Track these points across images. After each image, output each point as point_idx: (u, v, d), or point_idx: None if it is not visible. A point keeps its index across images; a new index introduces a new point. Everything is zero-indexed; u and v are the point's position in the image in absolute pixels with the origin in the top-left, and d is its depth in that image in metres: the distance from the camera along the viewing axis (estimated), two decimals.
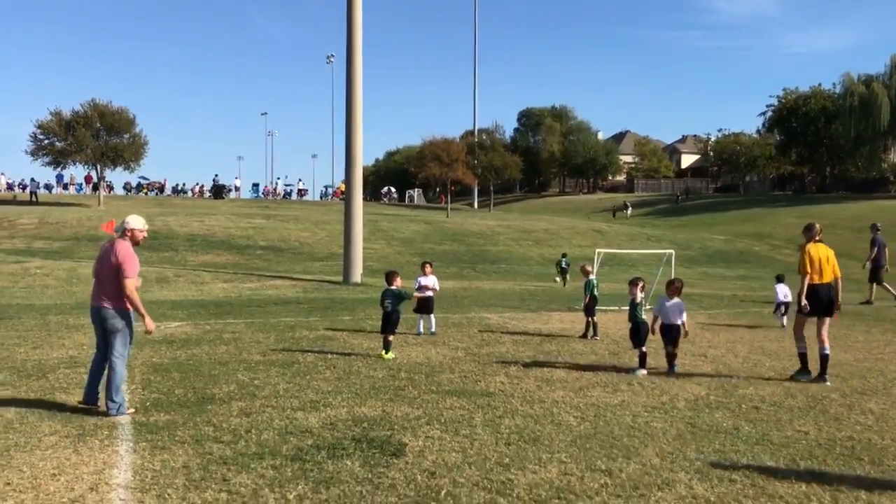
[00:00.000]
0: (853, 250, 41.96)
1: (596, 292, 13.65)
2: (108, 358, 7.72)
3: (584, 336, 13.35)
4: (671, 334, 10.23)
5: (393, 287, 11.35)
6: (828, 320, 9.81)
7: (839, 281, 9.95)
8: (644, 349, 10.31)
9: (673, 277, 11.64)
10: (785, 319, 15.26)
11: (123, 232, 7.81)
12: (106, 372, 7.76)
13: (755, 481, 5.87)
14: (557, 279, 28.13)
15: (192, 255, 32.25)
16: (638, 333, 10.35)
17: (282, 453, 6.37)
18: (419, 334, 13.25)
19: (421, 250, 37.16)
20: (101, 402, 7.75)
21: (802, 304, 9.73)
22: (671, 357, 10.28)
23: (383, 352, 11.02)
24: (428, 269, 13.89)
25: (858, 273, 34.15)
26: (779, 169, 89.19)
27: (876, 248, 20.84)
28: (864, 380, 9.96)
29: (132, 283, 7.57)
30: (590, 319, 13.44)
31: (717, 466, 6.21)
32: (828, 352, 9.75)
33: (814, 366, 9.86)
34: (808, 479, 5.92)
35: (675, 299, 10.29)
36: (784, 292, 15.63)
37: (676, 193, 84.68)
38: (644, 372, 10.05)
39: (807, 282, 9.68)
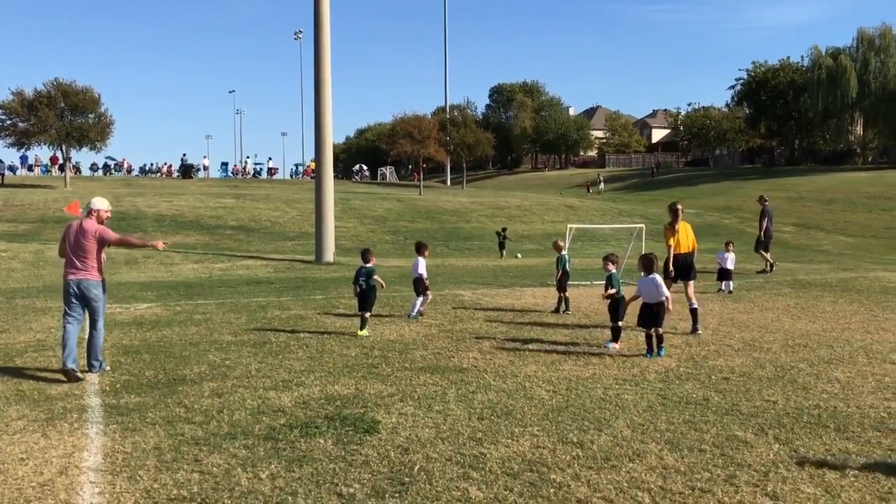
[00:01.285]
0: (822, 222, 42.63)
1: (568, 267, 13.71)
2: (92, 324, 8.55)
3: (556, 311, 13.42)
4: (649, 313, 9.63)
5: (369, 265, 11.29)
6: (692, 283, 11.76)
7: (695, 251, 12.13)
8: (620, 324, 10.37)
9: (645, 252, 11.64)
10: (727, 285, 16.48)
11: (90, 212, 8.57)
12: (89, 336, 8.61)
13: (724, 451, 5.95)
14: (519, 255, 28.27)
15: (161, 235, 31.87)
16: (616, 308, 10.39)
17: (254, 433, 6.35)
18: (414, 317, 12.78)
19: (394, 228, 37.07)
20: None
21: (669, 270, 11.59)
22: (649, 339, 9.71)
23: (360, 329, 10.99)
24: (427, 252, 13.44)
25: (827, 244, 34.64)
26: (748, 142, 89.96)
27: (766, 220, 21.65)
28: (831, 349, 10.13)
29: (117, 236, 8.71)
30: (562, 294, 13.50)
31: (688, 437, 6.30)
32: (695, 306, 11.50)
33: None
34: (776, 448, 6.02)
35: (651, 275, 9.72)
36: (724, 257, 16.90)
37: (652, 166, 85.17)
38: (616, 346, 10.12)
39: (671, 253, 11.74)
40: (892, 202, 46.59)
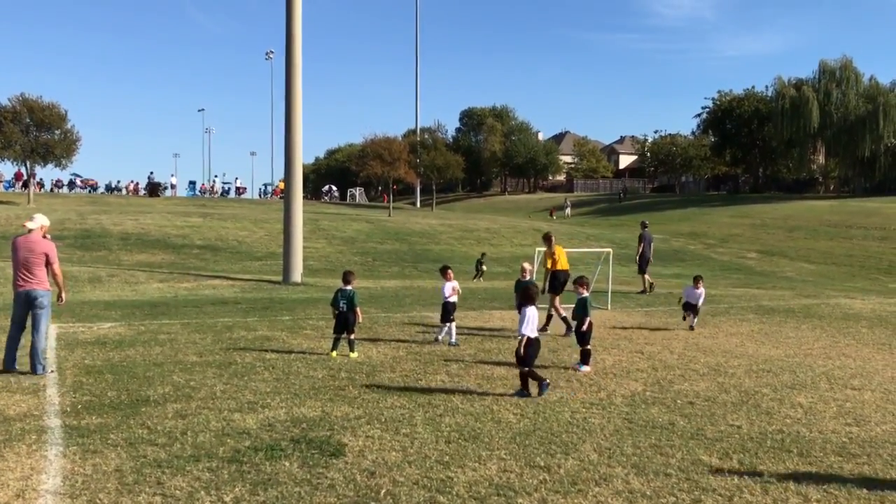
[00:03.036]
0: (785, 249, 43.30)
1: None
2: (35, 329, 9.27)
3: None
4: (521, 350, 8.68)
5: (349, 287, 11.14)
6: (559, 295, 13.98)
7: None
8: (588, 347, 10.42)
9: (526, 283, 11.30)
10: (695, 321, 14.51)
11: (39, 227, 9.37)
12: (32, 341, 9.27)
13: (689, 475, 5.99)
14: (481, 279, 28.41)
15: (127, 254, 31.49)
16: (584, 332, 10.43)
17: (218, 455, 6.26)
18: (437, 341, 12.44)
19: (363, 249, 36.98)
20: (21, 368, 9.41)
21: (546, 287, 13.92)
22: (524, 377, 8.68)
23: (351, 352, 10.93)
24: (449, 274, 12.94)
25: (790, 271, 35.14)
26: (713, 169, 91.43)
27: (643, 244, 22.81)
28: (793, 374, 10.26)
29: (57, 265, 9.28)
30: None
31: (654, 461, 6.33)
32: (564, 314, 13.49)
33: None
34: (740, 472, 6.08)
35: (525, 307, 8.84)
36: (694, 293, 14.54)
37: (619, 192, 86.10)
38: (587, 368, 10.17)
39: (553, 270, 14.01)
40: (852, 230, 47.53)
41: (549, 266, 14.20)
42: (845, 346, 12.96)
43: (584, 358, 10.37)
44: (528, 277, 13.62)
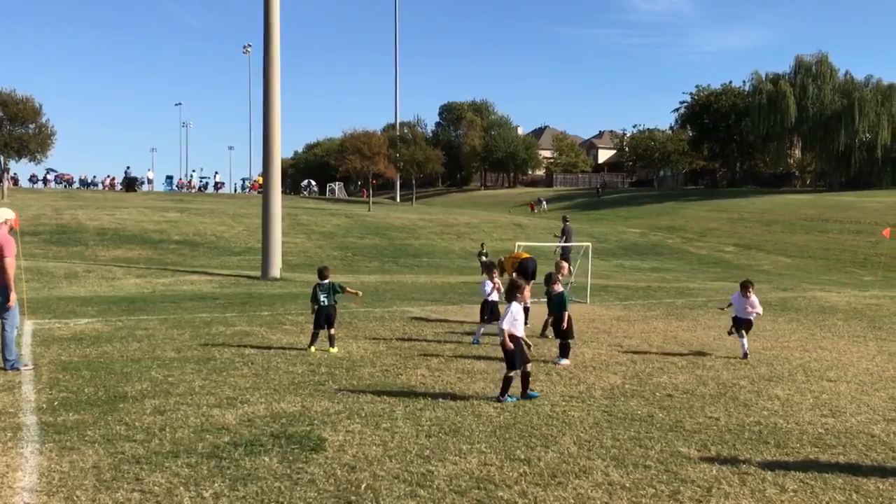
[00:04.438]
0: (762, 242, 43.69)
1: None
2: (3, 322, 9.14)
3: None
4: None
5: (327, 281, 11.10)
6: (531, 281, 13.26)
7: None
8: (569, 340, 10.46)
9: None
10: (745, 344, 11.20)
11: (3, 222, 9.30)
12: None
13: (668, 467, 6.03)
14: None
15: (103, 249, 31.19)
16: (563, 326, 10.47)
17: (197, 451, 6.22)
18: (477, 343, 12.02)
19: (342, 244, 36.87)
20: None
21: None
22: (506, 382, 8.19)
23: (331, 347, 10.90)
24: (495, 273, 12.86)
25: (767, 264, 35.47)
26: (691, 164, 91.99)
27: (565, 236, 24.59)
28: (771, 367, 10.36)
29: (10, 261, 9.03)
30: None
31: (633, 453, 6.37)
32: (528, 305, 11.83)
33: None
34: (718, 464, 6.13)
35: (512, 304, 8.42)
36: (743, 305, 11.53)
37: (597, 187, 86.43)
38: (566, 362, 10.21)
39: (518, 263, 14.12)
40: (828, 224, 48.04)
41: (514, 268, 13.88)
42: (821, 338, 13.11)
43: (564, 351, 10.41)
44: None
